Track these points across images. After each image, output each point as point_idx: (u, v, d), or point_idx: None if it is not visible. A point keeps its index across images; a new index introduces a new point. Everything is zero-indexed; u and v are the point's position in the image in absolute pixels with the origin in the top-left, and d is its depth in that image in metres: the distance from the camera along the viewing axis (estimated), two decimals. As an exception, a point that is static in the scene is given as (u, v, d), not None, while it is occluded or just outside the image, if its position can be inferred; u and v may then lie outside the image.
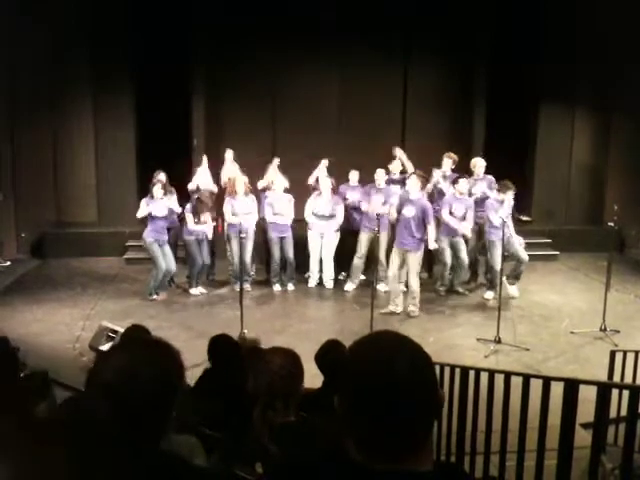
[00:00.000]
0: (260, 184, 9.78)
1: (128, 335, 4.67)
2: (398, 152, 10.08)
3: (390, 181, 9.79)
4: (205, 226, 9.25)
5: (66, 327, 7.85)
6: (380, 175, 9.55)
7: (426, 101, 12.76)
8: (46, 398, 3.51)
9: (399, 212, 8.46)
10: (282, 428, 2.75)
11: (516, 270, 9.13)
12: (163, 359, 1.63)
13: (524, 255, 9.00)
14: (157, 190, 8.94)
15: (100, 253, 11.25)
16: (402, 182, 9.55)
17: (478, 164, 9.79)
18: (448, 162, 9.88)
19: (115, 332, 6.66)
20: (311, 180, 9.90)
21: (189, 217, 9.15)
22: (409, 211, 8.39)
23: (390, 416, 1.28)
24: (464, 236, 9.23)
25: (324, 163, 9.90)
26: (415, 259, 8.48)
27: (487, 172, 9.83)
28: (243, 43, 11.85)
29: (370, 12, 11.79)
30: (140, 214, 9.02)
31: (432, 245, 8.80)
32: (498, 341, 7.35)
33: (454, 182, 9.38)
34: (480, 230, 9.74)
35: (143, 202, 9.04)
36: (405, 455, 1.31)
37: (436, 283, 9.62)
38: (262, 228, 9.68)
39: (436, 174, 9.65)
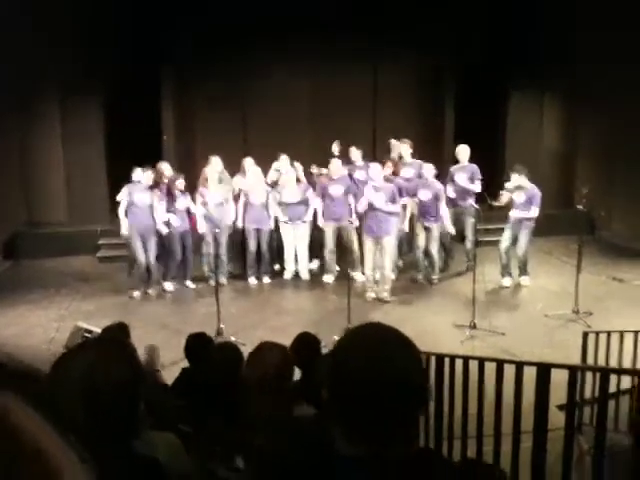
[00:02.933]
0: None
1: (107, 332, 4.64)
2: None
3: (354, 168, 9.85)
4: (181, 214, 9.14)
5: (41, 329, 7.77)
6: (336, 166, 9.41)
7: (396, 94, 12.81)
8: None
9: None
10: (268, 420, 2.77)
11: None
12: (122, 357, 1.64)
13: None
14: (147, 176, 8.80)
15: (72, 252, 11.13)
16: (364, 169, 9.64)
17: (462, 151, 9.82)
18: (405, 147, 9.94)
19: (90, 332, 6.57)
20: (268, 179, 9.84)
21: (161, 205, 9.01)
22: (378, 199, 8.42)
23: (383, 406, 1.31)
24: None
25: (283, 159, 9.84)
26: (389, 242, 8.59)
27: (456, 161, 9.92)
28: (213, 42, 11.77)
29: (338, 11, 11.76)
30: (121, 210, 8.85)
31: (404, 225, 8.96)
32: (474, 327, 7.44)
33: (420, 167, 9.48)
34: (457, 218, 9.80)
35: (124, 189, 8.85)
36: (392, 442, 1.34)
37: (411, 270, 9.71)
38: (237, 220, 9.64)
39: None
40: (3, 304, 8.72)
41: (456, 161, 9.99)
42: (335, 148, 10.15)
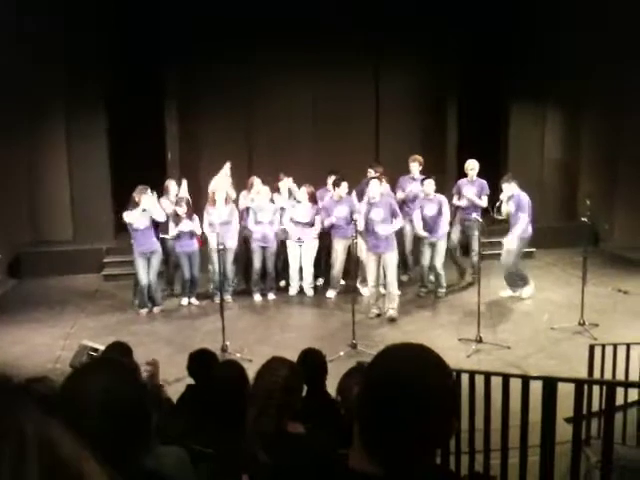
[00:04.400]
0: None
1: (108, 352, 4.64)
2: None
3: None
4: (186, 235, 9.18)
5: (46, 347, 7.76)
6: (342, 188, 9.37)
7: (398, 105, 12.84)
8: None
9: (367, 217, 8.52)
10: (275, 437, 2.76)
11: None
12: (132, 379, 1.65)
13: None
14: (146, 199, 8.79)
15: (77, 271, 11.12)
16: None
17: (471, 166, 9.79)
18: (415, 165, 9.97)
19: (96, 350, 6.56)
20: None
21: (170, 225, 9.09)
22: (377, 214, 8.42)
23: (411, 427, 1.31)
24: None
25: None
26: (392, 259, 8.57)
27: (462, 174, 9.94)
28: (216, 56, 11.83)
29: (341, 19, 11.84)
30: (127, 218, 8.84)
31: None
32: (479, 340, 7.42)
33: (421, 183, 9.48)
34: (464, 231, 9.82)
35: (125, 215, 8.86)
36: (415, 462, 1.34)
37: (416, 285, 9.72)
38: (243, 238, 9.66)
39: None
40: (8, 322, 8.72)
41: (463, 175, 9.99)
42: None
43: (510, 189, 8.95)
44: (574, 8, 11.56)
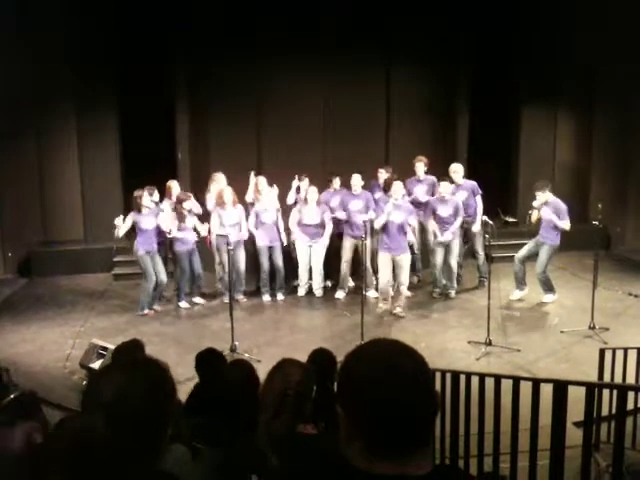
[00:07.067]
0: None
1: (121, 350, 4.65)
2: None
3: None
4: (189, 233, 9.18)
5: (56, 346, 7.80)
6: (357, 181, 9.46)
7: (409, 109, 12.80)
8: (35, 418, 3.48)
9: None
10: (286, 439, 2.75)
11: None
12: (155, 377, 1.65)
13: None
14: (147, 200, 8.86)
15: (87, 270, 11.18)
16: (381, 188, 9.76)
17: (457, 170, 9.73)
18: (420, 165, 9.93)
19: (105, 349, 6.61)
20: (290, 200, 9.86)
21: (173, 224, 9.09)
22: (397, 217, 8.44)
23: (401, 420, 1.30)
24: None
25: (303, 182, 9.79)
26: (407, 260, 8.66)
27: (473, 177, 9.90)
28: (227, 57, 11.83)
29: (351, 22, 11.84)
30: (120, 232, 8.85)
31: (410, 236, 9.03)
32: (489, 343, 7.39)
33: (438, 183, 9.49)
34: (466, 234, 9.79)
35: (129, 217, 8.89)
36: (409, 458, 1.33)
37: (428, 286, 9.71)
38: (251, 238, 9.66)
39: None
40: (19, 321, 8.77)
41: (473, 178, 9.94)
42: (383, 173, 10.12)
43: (545, 197, 8.91)
44: (586, 12, 11.52)
